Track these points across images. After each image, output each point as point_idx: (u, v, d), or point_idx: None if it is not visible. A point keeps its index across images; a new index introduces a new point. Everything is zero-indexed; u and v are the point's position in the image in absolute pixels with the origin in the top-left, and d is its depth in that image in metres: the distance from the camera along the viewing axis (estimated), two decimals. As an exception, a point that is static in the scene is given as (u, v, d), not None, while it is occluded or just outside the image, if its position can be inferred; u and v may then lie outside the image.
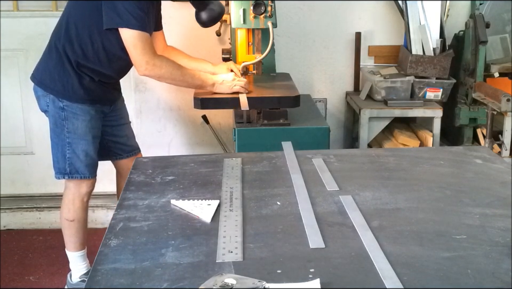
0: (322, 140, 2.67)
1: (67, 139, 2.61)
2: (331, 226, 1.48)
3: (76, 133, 2.61)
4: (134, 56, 2.48)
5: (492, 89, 3.04)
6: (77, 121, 2.60)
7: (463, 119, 3.46)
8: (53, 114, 2.62)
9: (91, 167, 2.69)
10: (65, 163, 2.64)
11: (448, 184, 1.79)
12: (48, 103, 2.61)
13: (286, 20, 3.61)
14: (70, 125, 2.60)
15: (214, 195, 1.69)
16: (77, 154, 2.63)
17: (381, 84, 3.42)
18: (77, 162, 2.64)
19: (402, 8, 3.50)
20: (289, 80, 3.00)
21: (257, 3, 2.67)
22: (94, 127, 2.66)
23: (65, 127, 2.60)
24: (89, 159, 2.66)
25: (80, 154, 2.63)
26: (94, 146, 2.68)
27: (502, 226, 1.48)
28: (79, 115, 2.60)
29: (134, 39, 2.44)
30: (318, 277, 1.21)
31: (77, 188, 2.70)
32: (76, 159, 2.63)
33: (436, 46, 3.41)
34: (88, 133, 2.63)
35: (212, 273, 1.23)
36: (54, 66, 2.58)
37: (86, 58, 2.55)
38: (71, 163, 2.64)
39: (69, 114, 2.59)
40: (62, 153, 2.63)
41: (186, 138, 3.79)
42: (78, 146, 2.62)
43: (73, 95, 2.58)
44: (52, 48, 2.60)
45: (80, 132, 2.61)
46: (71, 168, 2.64)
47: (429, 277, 1.24)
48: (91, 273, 1.27)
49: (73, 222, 2.74)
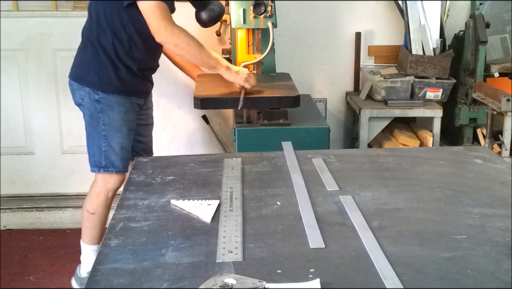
0: (322, 140, 2.67)
1: (103, 132, 2.61)
2: (331, 226, 1.48)
3: (112, 125, 2.61)
4: (152, 22, 2.44)
5: (492, 89, 3.04)
6: (113, 113, 2.60)
7: (463, 119, 3.46)
8: (89, 107, 2.62)
9: (125, 161, 2.68)
10: (101, 157, 2.64)
11: (448, 184, 1.79)
12: (83, 96, 2.62)
13: (286, 20, 3.61)
14: (105, 117, 2.60)
15: (214, 195, 1.69)
16: (113, 147, 2.63)
17: (381, 84, 3.42)
18: (113, 155, 2.64)
19: (402, 8, 3.50)
20: (289, 80, 3.00)
21: (257, 3, 2.67)
22: (129, 119, 2.66)
23: (101, 119, 2.60)
24: (124, 152, 2.66)
25: (116, 147, 2.63)
26: (129, 140, 2.68)
27: (502, 226, 1.48)
28: (115, 107, 2.60)
29: (151, 8, 2.42)
30: (318, 277, 1.21)
31: (104, 182, 2.70)
32: (111, 152, 2.63)
33: (435, 46, 3.41)
34: (123, 125, 2.63)
35: (212, 273, 1.23)
36: (90, 59, 2.60)
37: (122, 44, 2.57)
38: (107, 156, 2.64)
39: (105, 107, 2.59)
40: (98, 146, 2.63)
41: (186, 138, 3.79)
42: (113, 139, 2.62)
43: (109, 87, 2.58)
44: (86, 43, 2.62)
45: (115, 124, 2.61)
46: (107, 162, 2.64)
47: (429, 277, 1.24)
48: (91, 273, 1.27)
49: (93, 215, 2.74)
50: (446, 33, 3.47)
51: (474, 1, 3.47)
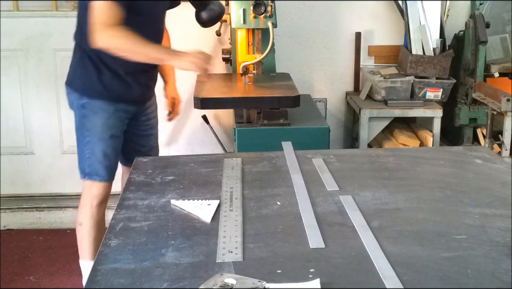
0: (322, 140, 2.67)
1: (87, 138, 2.53)
2: (331, 226, 1.48)
3: (94, 132, 2.52)
4: (89, 27, 2.31)
5: (492, 89, 3.04)
6: (95, 118, 2.51)
7: (463, 119, 3.46)
8: (76, 112, 2.56)
9: (110, 169, 2.58)
10: (85, 163, 2.56)
11: (448, 184, 1.79)
12: (72, 101, 2.57)
13: (286, 20, 3.61)
14: (88, 123, 2.52)
15: (214, 195, 1.69)
16: (96, 154, 2.54)
17: (381, 84, 3.42)
18: (96, 162, 2.54)
19: (402, 8, 3.50)
20: (289, 80, 3.00)
21: (257, 3, 2.67)
22: (113, 126, 2.55)
23: (85, 125, 2.53)
24: (108, 160, 2.56)
25: (99, 154, 2.54)
26: (112, 147, 2.56)
27: (502, 226, 1.48)
28: (98, 113, 2.51)
29: (91, 9, 2.30)
30: (318, 277, 1.21)
31: (88, 190, 2.60)
32: (94, 159, 2.54)
33: (436, 46, 3.41)
34: (105, 132, 2.53)
35: (212, 273, 1.23)
36: (77, 63, 2.55)
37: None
38: (91, 164, 2.55)
39: (88, 112, 2.52)
40: (82, 152, 2.56)
41: (186, 138, 3.79)
42: (96, 146, 2.53)
43: (93, 92, 2.51)
44: (75, 48, 2.58)
45: (97, 131, 2.52)
46: (91, 169, 2.55)
47: (429, 277, 1.24)
48: (91, 273, 1.27)
49: (81, 227, 2.63)
50: (446, 33, 3.47)
51: (474, 1, 3.47)
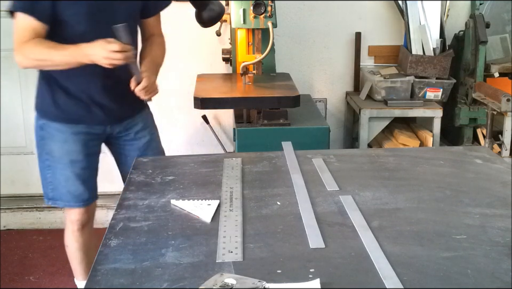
0: (322, 140, 2.67)
1: (46, 162, 2.35)
2: (331, 226, 1.48)
3: (53, 156, 2.33)
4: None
5: (492, 89, 3.04)
6: (52, 142, 2.32)
7: (463, 119, 3.46)
8: (36, 132, 2.38)
9: (76, 195, 2.37)
10: (47, 188, 2.38)
11: (448, 184, 1.79)
12: (34, 120, 2.39)
13: (286, 20, 3.61)
14: (46, 146, 2.34)
15: (214, 195, 1.69)
16: (57, 178, 2.35)
17: (381, 84, 3.42)
18: (59, 187, 2.36)
19: (402, 8, 3.50)
20: (289, 80, 3.00)
21: (257, 3, 2.67)
22: (71, 150, 2.32)
23: (44, 147, 2.35)
24: (72, 185, 2.35)
25: (60, 178, 2.35)
26: (74, 173, 2.34)
27: (502, 226, 1.48)
28: (55, 136, 2.32)
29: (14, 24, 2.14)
30: (318, 277, 1.21)
31: (67, 215, 2.46)
32: (56, 183, 2.36)
33: (436, 46, 3.41)
34: (63, 157, 2.32)
35: (212, 273, 1.23)
36: (38, 81, 2.37)
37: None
38: (54, 188, 2.37)
39: (46, 134, 2.33)
40: (44, 176, 2.38)
41: (186, 138, 3.79)
42: (57, 170, 2.34)
43: (48, 114, 2.31)
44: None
45: (56, 155, 2.33)
46: (54, 194, 2.38)
47: (429, 277, 1.24)
48: (91, 273, 1.27)
49: (67, 248, 2.54)
50: (446, 33, 3.47)
51: (474, 1, 3.48)
